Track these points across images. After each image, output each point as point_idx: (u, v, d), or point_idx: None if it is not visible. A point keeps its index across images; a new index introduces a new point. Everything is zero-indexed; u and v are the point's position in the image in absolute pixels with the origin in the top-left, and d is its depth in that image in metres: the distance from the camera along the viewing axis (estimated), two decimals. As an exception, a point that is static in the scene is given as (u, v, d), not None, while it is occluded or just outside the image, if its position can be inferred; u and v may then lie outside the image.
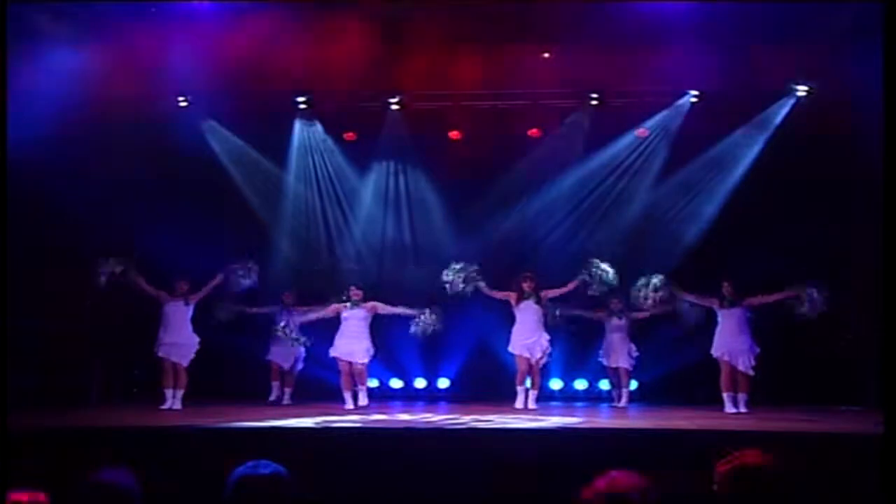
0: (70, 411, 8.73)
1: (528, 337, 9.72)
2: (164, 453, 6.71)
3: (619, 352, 10.40)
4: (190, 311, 9.82)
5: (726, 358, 9.45)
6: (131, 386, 11.11)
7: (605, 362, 10.57)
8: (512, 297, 9.85)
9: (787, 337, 10.10)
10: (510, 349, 9.84)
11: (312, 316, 10.23)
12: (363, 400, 9.88)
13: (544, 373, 10.47)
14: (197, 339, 9.81)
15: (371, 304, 10.03)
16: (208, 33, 9.24)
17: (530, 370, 9.77)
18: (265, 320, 10.66)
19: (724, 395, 9.43)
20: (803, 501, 2.97)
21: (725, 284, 9.57)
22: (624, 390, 10.48)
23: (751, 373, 9.35)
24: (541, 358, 9.76)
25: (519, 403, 9.66)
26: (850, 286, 10.15)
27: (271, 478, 2.95)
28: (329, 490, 5.85)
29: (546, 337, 9.77)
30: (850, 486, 5.94)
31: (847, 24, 8.60)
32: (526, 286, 9.79)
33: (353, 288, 10.10)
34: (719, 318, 9.58)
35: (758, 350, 9.40)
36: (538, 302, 9.77)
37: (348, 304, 10.00)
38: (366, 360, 9.99)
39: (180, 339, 9.75)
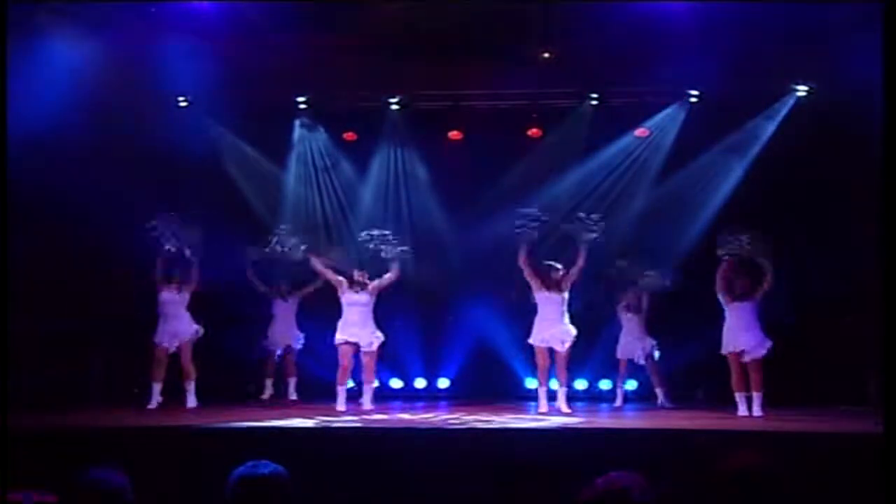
0: (70, 411, 8.72)
1: (548, 328, 9.31)
2: (165, 453, 6.71)
3: (634, 347, 10.28)
4: (185, 299, 9.56)
5: (744, 359, 8.96)
6: (131, 386, 11.09)
7: (620, 357, 10.38)
8: (536, 282, 9.45)
9: (786, 337, 10.09)
10: (530, 341, 9.44)
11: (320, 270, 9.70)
12: (367, 404, 9.40)
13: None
14: (195, 327, 9.52)
15: (373, 285, 9.52)
16: (209, 33, 9.24)
17: (553, 365, 9.32)
18: (263, 319, 10.69)
19: (737, 395, 9.00)
20: (803, 501, 2.97)
21: None
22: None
23: (759, 355, 8.89)
24: (566, 347, 9.27)
25: (543, 407, 9.17)
26: (850, 286, 10.15)
27: (271, 478, 2.96)
28: (329, 490, 5.85)
29: (567, 326, 9.30)
30: (850, 486, 5.94)
31: (847, 24, 8.59)
32: (552, 273, 9.44)
33: (357, 271, 9.59)
34: (728, 313, 9.14)
35: (770, 343, 8.98)
36: (560, 290, 9.38)
37: (353, 288, 9.49)
38: (374, 348, 9.44)
39: (178, 327, 9.47)
